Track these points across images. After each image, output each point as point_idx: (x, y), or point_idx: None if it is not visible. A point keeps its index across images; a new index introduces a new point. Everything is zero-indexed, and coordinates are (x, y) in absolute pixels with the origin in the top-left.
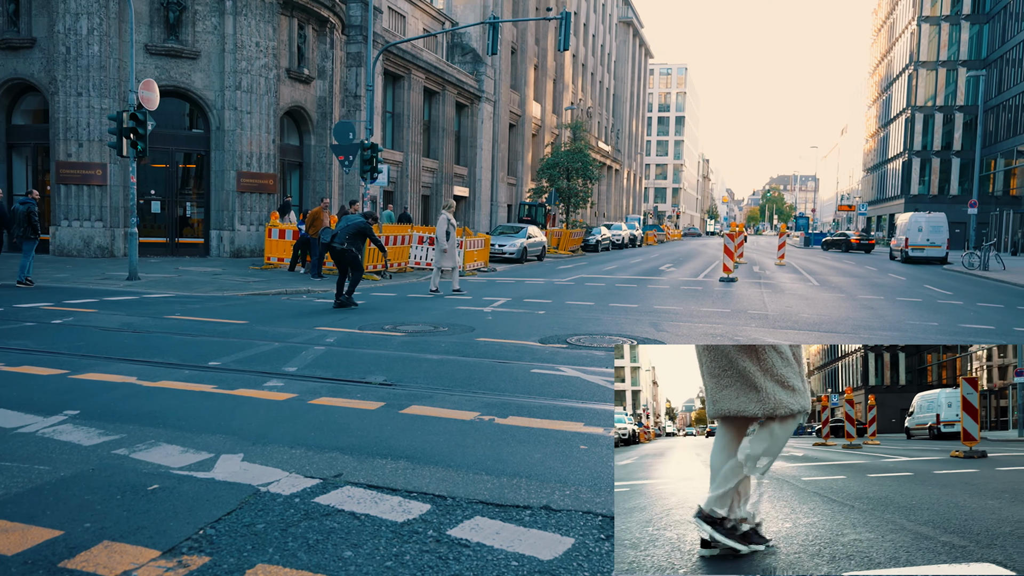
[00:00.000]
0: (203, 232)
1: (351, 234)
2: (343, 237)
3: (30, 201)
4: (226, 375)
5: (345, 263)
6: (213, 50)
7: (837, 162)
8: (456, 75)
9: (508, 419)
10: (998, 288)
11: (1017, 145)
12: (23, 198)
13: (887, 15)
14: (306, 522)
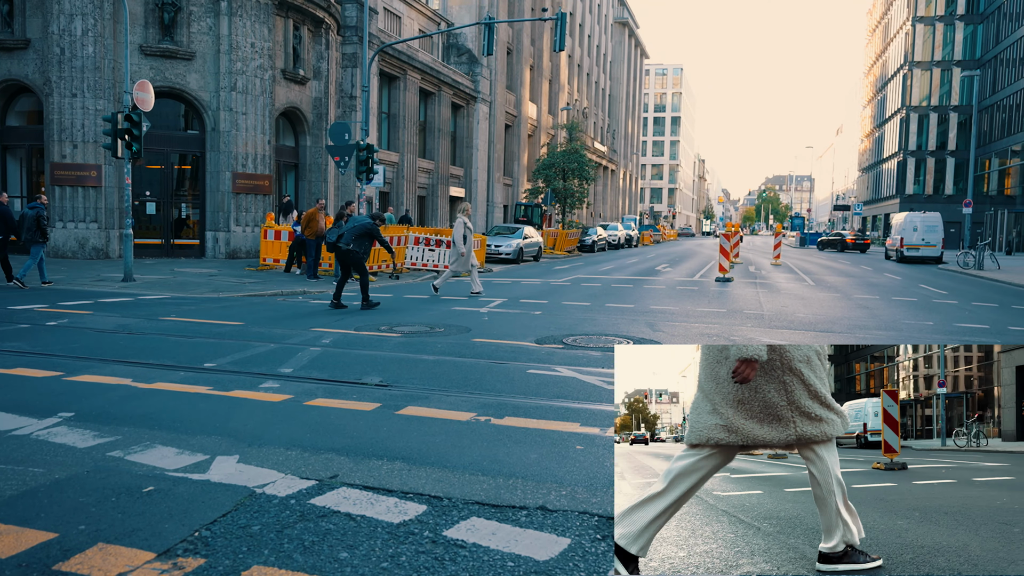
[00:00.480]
0: (199, 233)
1: (358, 235)
2: (349, 237)
3: (39, 206)
4: (222, 376)
5: (348, 264)
6: (208, 51)
7: (832, 162)
8: (452, 76)
9: (504, 420)
10: (993, 287)
11: (1011, 145)
12: (33, 203)
13: (882, 15)
14: (302, 523)
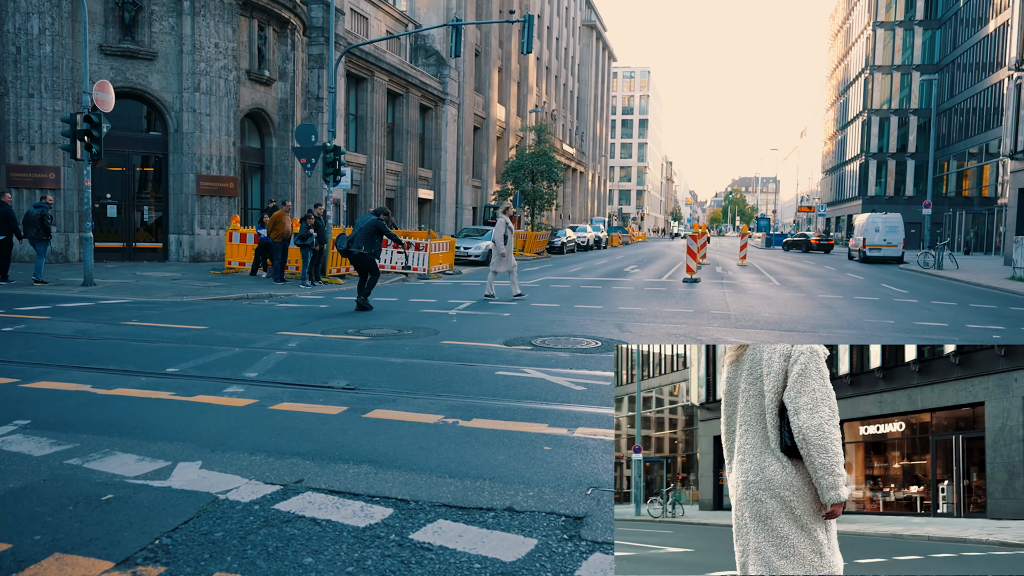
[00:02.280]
0: (162, 236)
1: (367, 235)
2: (359, 241)
3: (44, 205)
4: (184, 381)
5: (364, 268)
6: (171, 51)
7: (797, 164)
8: (420, 77)
9: (472, 421)
10: (952, 286)
11: (969, 147)
12: (38, 203)
13: (843, 20)
14: (266, 529)
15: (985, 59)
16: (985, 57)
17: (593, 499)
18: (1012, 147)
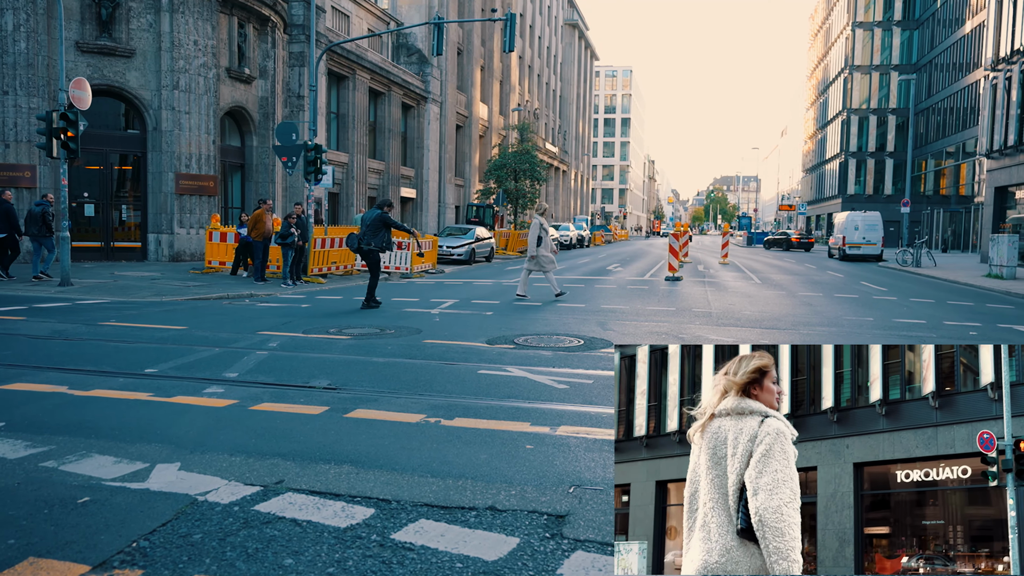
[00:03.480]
0: (140, 236)
1: (374, 228)
2: (368, 237)
3: (45, 203)
4: (163, 382)
5: (370, 264)
6: (149, 48)
7: (778, 163)
8: (402, 76)
9: (454, 421)
10: (930, 284)
11: (946, 146)
12: (40, 201)
13: (823, 20)
14: (245, 531)
15: (962, 59)
16: (962, 57)
17: (575, 497)
18: (988, 146)
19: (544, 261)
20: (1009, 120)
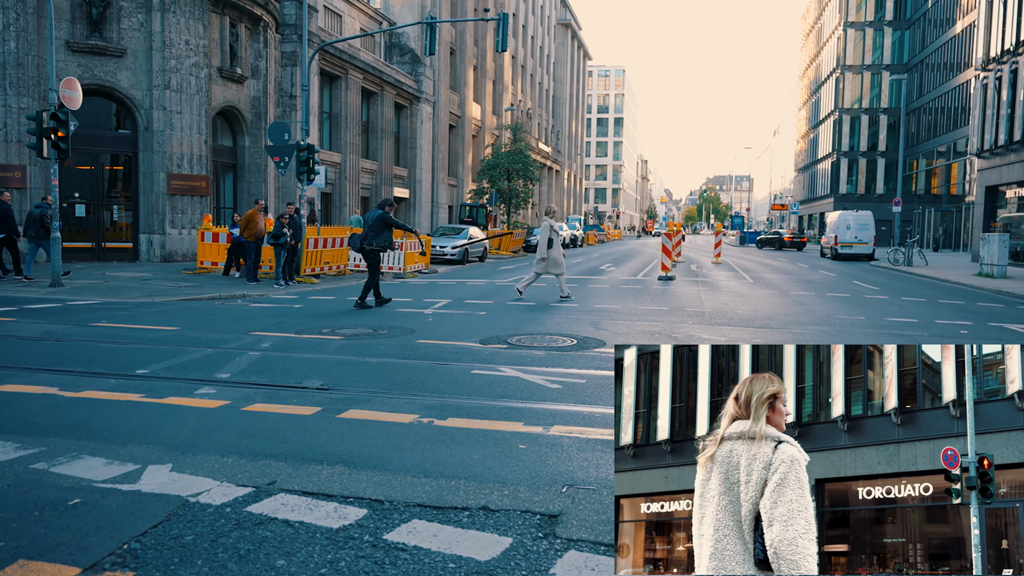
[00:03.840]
0: (132, 236)
1: (375, 228)
2: (371, 237)
3: (44, 206)
4: (155, 383)
5: (370, 263)
6: (140, 48)
7: (770, 162)
8: (394, 75)
9: (447, 421)
10: (921, 283)
11: (937, 146)
12: (39, 203)
13: (815, 20)
14: (237, 532)
15: (953, 59)
16: (953, 57)
17: (568, 497)
18: (979, 146)
19: (553, 264)
20: (999, 120)
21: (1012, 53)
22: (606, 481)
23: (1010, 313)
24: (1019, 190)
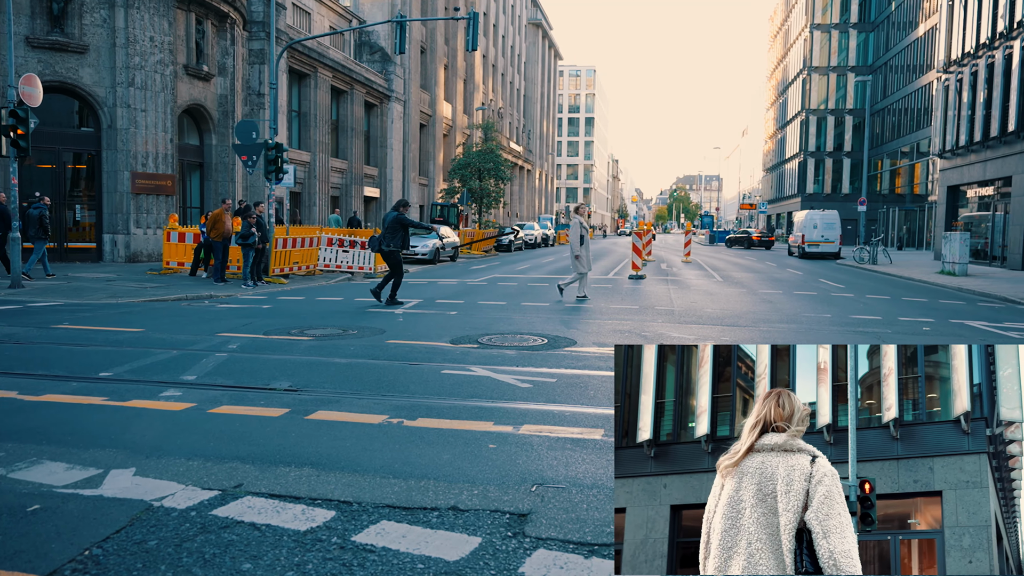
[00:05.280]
0: (95, 236)
1: (391, 229)
2: (389, 239)
3: (42, 206)
4: (118, 386)
5: (391, 264)
6: (103, 44)
7: (739, 162)
8: (364, 74)
9: (417, 421)
10: (885, 281)
11: (901, 146)
12: (37, 203)
13: (782, 22)
14: (203, 536)
15: (915, 61)
16: (915, 59)
17: (538, 496)
18: (941, 146)
19: (585, 261)
20: (960, 121)
21: (972, 56)
22: (575, 480)
23: (971, 310)
24: (979, 190)
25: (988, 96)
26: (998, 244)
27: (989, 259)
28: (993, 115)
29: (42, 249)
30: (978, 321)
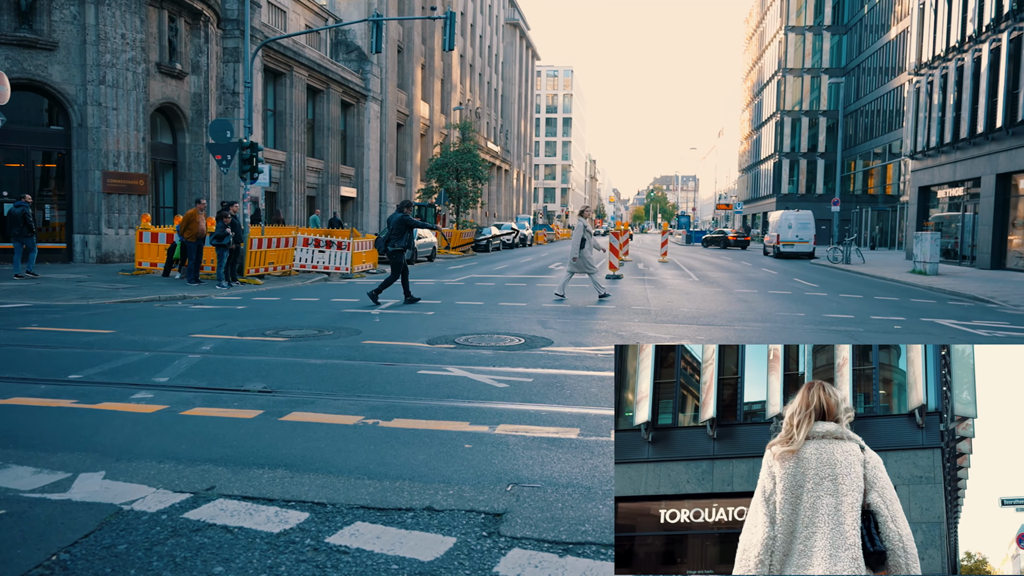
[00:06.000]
0: (66, 236)
1: (396, 230)
2: (394, 240)
3: (24, 204)
4: (88, 388)
5: (395, 264)
6: (73, 41)
7: (715, 163)
8: (341, 73)
9: (393, 422)
10: (858, 280)
11: (873, 147)
12: (19, 202)
13: (757, 24)
14: (173, 539)
15: (887, 64)
16: (888, 61)
17: (513, 495)
18: (912, 147)
19: (585, 263)
20: (931, 123)
21: (943, 59)
22: (551, 479)
23: (941, 308)
24: (950, 190)
25: (958, 98)
26: (968, 244)
27: (959, 258)
28: (963, 117)
29: (21, 249)
30: (948, 320)
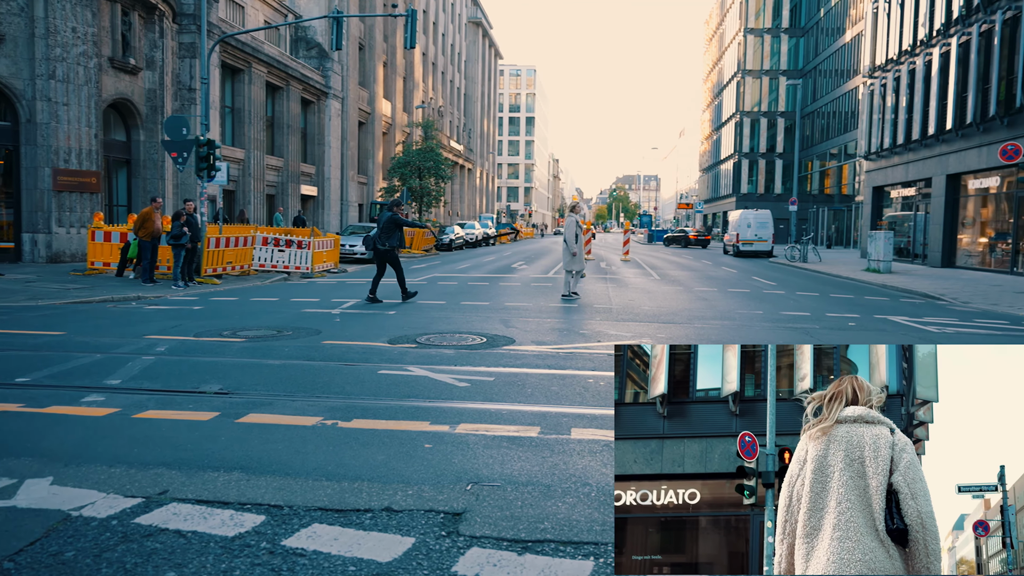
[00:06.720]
0: (13, 235)
1: (386, 229)
2: (384, 238)
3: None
4: (36, 392)
5: (386, 262)
6: (20, 34)
7: (676, 163)
8: (301, 70)
9: (352, 422)
10: (815, 278)
11: (829, 148)
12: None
13: (717, 26)
14: (124, 545)
15: (843, 66)
16: (843, 64)
17: (472, 494)
18: (867, 148)
19: (575, 261)
20: (884, 124)
21: (895, 62)
22: (511, 477)
23: (894, 306)
24: (902, 191)
25: (910, 100)
26: (920, 243)
27: (912, 257)
28: (915, 119)
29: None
30: (900, 316)
